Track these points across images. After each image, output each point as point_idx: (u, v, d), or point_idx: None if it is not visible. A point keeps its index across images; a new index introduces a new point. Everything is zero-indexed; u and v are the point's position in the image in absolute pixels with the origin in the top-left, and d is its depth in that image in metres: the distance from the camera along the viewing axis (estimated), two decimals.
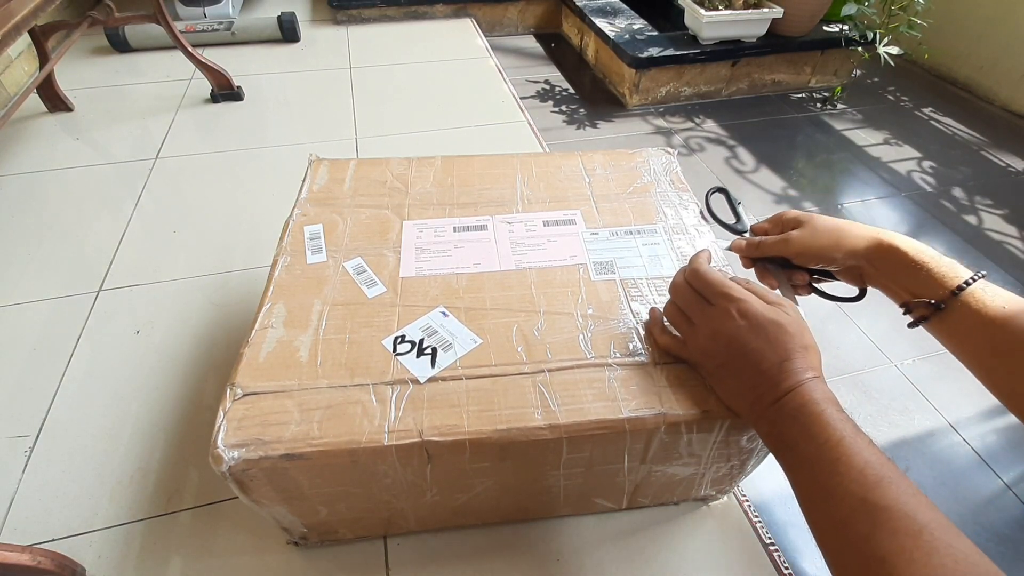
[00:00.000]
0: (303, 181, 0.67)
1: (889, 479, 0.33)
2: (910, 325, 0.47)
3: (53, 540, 0.60)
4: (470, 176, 0.70)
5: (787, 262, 0.54)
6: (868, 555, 0.31)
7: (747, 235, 0.59)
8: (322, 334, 0.51)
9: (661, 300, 0.55)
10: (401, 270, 0.57)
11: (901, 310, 0.48)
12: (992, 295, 0.42)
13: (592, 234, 0.62)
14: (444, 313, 0.53)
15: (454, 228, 0.62)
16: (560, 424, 0.45)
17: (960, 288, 0.43)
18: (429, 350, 0.50)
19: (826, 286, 0.56)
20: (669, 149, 0.76)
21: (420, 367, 0.48)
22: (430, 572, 0.59)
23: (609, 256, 0.60)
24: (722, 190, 0.65)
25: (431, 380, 0.47)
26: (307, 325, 0.51)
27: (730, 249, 0.58)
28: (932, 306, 0.44)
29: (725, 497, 0.66)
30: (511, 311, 0.54)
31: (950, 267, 0.44)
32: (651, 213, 0.66)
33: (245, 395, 0.46)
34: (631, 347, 0.51)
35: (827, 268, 0.52)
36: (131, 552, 0.60)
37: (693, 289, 0.46)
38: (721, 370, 0.44)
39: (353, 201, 0.65)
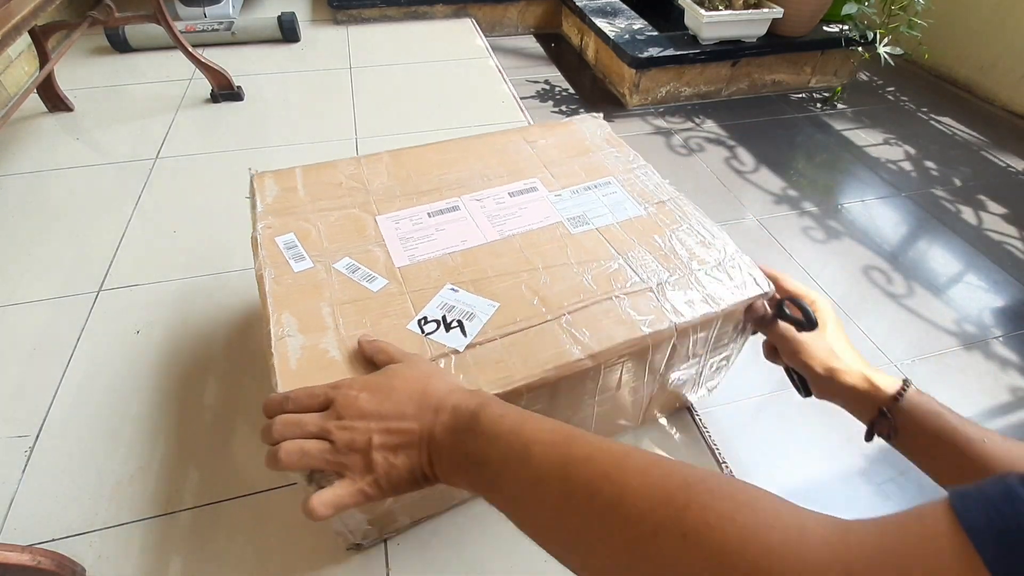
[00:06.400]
0: (252, 197, 0.65)
1: (575, 432, 0.32)
2: (868, 438, 0.50)
3: (53, 540, 0.60)
4: (424, 165, 0.71)
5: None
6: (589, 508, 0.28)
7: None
8: (344, 332, 0.51)
9: (633, 239, 0.62)
10: (395, 261, 0.58)
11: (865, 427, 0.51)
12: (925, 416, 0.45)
13: (556, 196, 0.68)
14: (453, 289, 0.56)
15: (428, 214, 0.64)
16: (596, 352, 0.50)
17: (896, 396, 0.47)
18: (455, 323, 0.52)
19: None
20: (596, 115, 0.82)
21: (454, 339, 0.51)
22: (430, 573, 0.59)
23: (579, 211, 0.66)
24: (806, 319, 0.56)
25: (469, 347, 0.50)
26: (323, 328, 0.51)
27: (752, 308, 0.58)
28: (879, 413, 0.48)
29: (710, 393, 0.75)
30: (513, 273, 0.58)
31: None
32: (600, 170, 0.73)
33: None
34: (628, 278, 0.57)
35: (803, 372, 0.54)
36: (131, 552, 0.60)
37: (299, 412, 0.39)
38: (389, 443, 0.37)
39: (314, 206, 0.64)
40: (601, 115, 0.82)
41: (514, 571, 0.60)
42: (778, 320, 0.55)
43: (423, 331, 0.51)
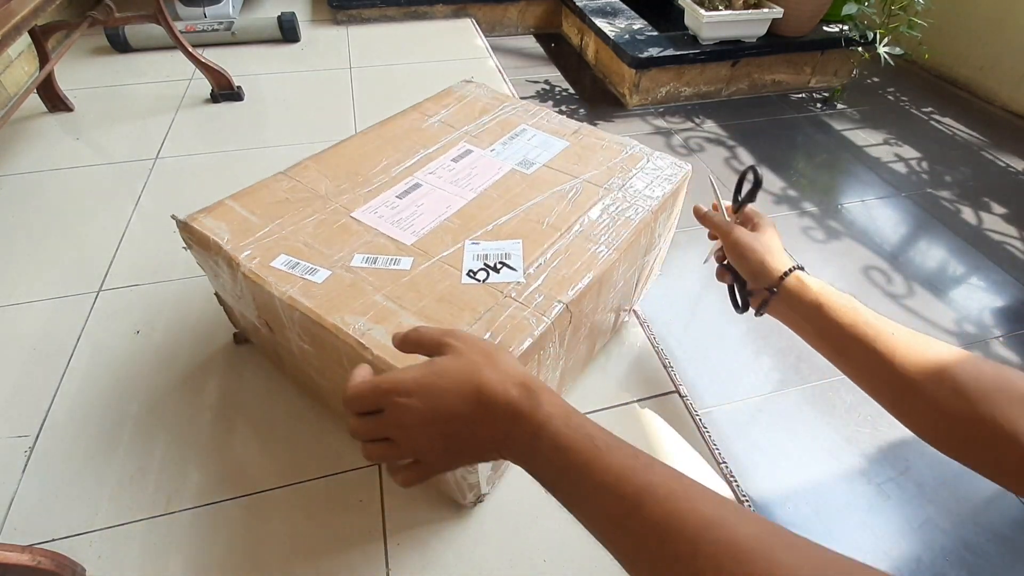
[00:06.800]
0: (198, 241, 0.62)
1: (646, 482, 0.30)
2: (757, 313, 0.54)
3: (53, 540, 0.60)
4: (354, 160, 0.73)
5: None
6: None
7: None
8: (414, 309, 0.53)
9: (576, 164, 0.72)
10: (404, 241, 0.60)
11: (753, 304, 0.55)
12: (810, 285, 0.49)
13: (492, 151, 0.74)
14: (475, 243, 0.60)
15: (397, 197, 0.66)
16: (620, 246, 0.61)
17: (783, 276, 0.51)
18: (499, 265, 0.57)
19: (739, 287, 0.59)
20: (469, 79, 0.90)
21: (509, 276, 0.56)
22: (430, 572, 0.59)
23: (520, 157, 0.73)
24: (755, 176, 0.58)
25: (527, 276, 0.56)
26: (392, 312, 0.52)
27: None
28: (768, 291, 0.51)
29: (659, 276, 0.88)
30: (510, 215, 0.64)
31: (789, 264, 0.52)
32: (511, 122, 0.80)
33: None
34: (597, 190, 0.68)
35: (739, 269, 0.56)
36: (131, 552, 0.60)
37: (364, 412, 0.39)
38: (452, 445, 0.38)
39: (279, 225, 0.62)
40: (472, 76, 0.90)
41: (514, 571, 0.60)
42: (738, 212, 0.57)
43: (478, 280, 0.56)
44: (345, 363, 0.53)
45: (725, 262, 0.61)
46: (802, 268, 0.51)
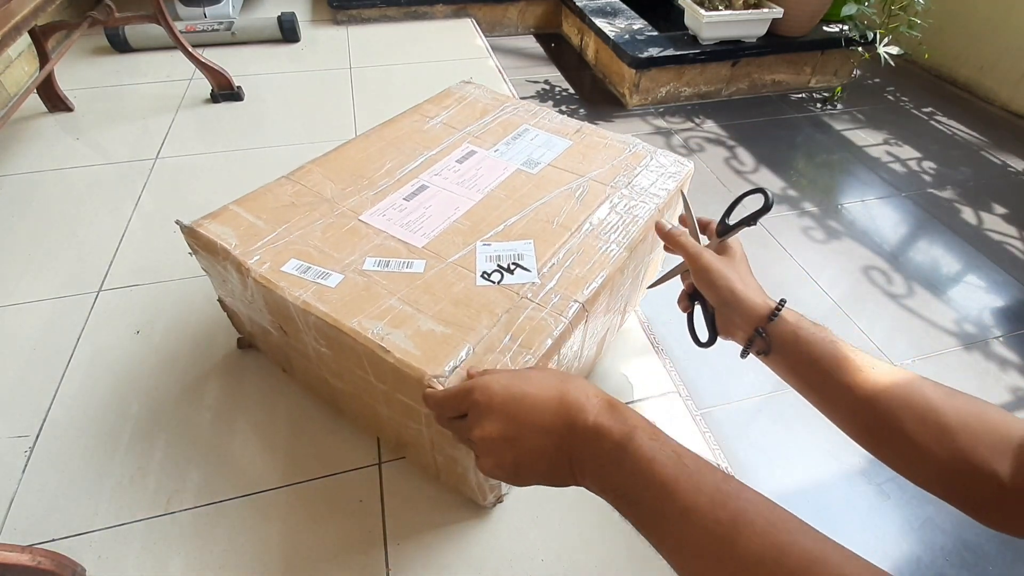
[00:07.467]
0: (204, 246, 0.61)
1: (741, 510, 0.30)
2: (742, 354, 0.51)
3: (53, 540, 0.60)
4: (357, 163, 0.72)
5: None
6: None
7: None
8: (431, 312, 0.53)
9: (580, 163, 0.72)
10: (415, 244, 0.60)
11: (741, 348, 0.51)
12: (787, 318, 0.47)
13: (495, 151, 0.74)
14: (486, 244, 0.60)
15: (404, 199, 0.66)
16: (630, 243, 0.61)
17: (773, 314, 0.47)
18: (512, 266, 0.57)
19: (697, 318, 0.57)
20: (468, 80, 0.90)
21: (523, 277, 0.56)
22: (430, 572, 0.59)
23: (524, 157, 0.73)
24: (765, 200, 0.52)
25: (541, 277, 0.56)
26: (409, 316, 0.52)
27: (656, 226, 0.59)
28: (756, 331, 0.48)
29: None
30: (519, 216, 0.64)
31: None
32: (512, 122, 0.80)
33: (449, 375, 0.47)
34: (604, 188, 0.68)
35: (708, 298, 0.52)
36: (131, 552, 0.60)
37: (447, 417, 0.42)
38: (525, 462, 0.38)
39: (288, 229, 0.61)
40: (471, 77, 0.90)
41: (514, 571, 0.60)
42: (724, 235, 0.53)
43: (492, 282, 0.56)
44: (366, 366, 0.52)
45: (687, 285, 0.57)
46: (784, 303, 0.48)
